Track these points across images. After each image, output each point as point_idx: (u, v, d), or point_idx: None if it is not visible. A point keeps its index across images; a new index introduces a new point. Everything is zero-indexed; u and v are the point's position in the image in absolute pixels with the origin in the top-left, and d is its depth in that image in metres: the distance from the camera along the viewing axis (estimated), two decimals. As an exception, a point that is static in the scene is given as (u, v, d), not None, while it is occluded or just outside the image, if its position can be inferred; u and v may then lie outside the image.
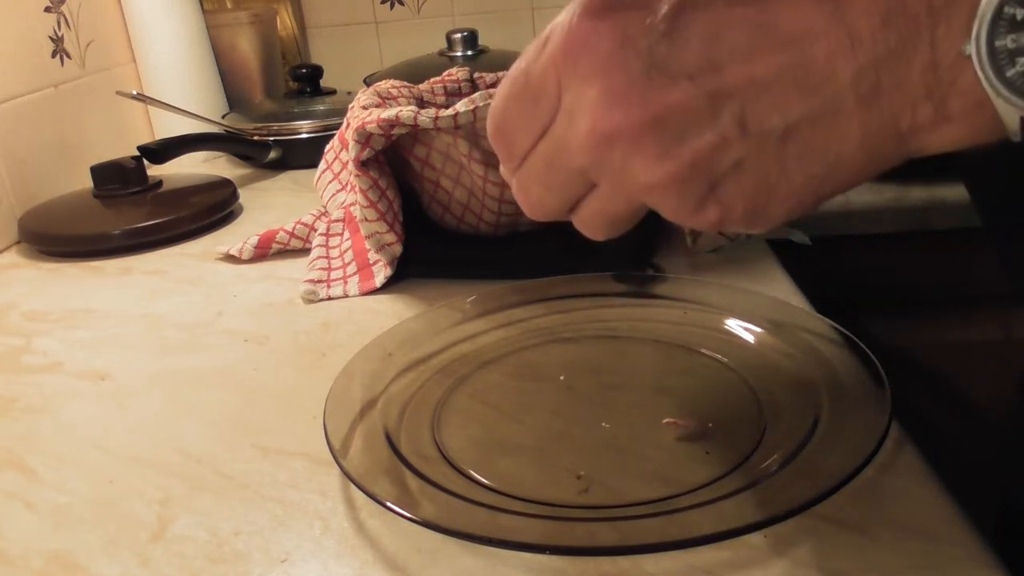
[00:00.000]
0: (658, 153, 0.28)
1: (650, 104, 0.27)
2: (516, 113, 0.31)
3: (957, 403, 0.91)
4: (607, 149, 0.29)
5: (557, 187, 0.32)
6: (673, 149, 0.28)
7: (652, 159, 0.28)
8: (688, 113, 0.27)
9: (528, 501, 0.37)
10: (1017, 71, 0.24)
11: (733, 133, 0.27)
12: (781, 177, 0.28)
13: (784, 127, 0.27)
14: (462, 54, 1.01)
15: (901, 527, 0.35)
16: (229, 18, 1.13)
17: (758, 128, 0.27)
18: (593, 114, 0.28)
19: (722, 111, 0.27)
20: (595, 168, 0.30)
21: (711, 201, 0.29)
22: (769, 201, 0.28)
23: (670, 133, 0.28)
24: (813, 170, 0.27)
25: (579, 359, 0.50)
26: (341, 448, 0.40)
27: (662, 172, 0.28)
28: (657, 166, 0.28)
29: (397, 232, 0.63)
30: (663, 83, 0.27)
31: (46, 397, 0.53)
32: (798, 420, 0.41)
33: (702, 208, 0.29)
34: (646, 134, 0.28)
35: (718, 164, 0.28)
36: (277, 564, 0.36)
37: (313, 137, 0.98)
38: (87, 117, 0.97)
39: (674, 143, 0.28)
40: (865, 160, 0.27)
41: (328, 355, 0.55)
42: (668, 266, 0.63)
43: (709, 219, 0.29)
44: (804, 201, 0.29)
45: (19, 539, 0.40)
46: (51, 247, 0.79)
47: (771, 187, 0.28)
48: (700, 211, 0.29)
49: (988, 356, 0.90)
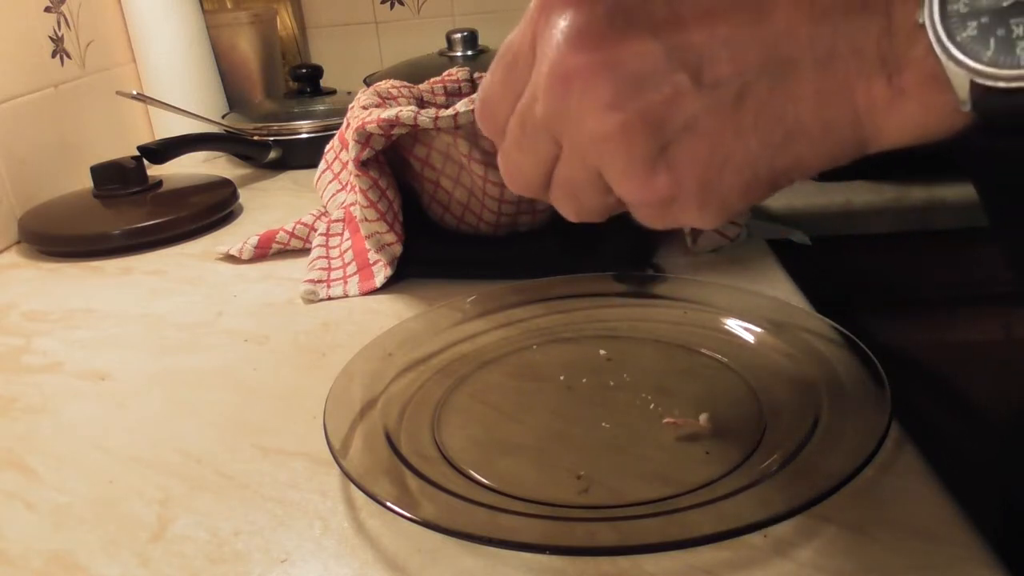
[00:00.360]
0: (610, 98, 0.28)
1: (608, 48, 0.28)
2: (498, 81, 0.32)
3: (957, 403, 0.91)
4: (564, 91, 0.29)
5: (528, 148, 0.32)
6: (625, 98, 0.28)
7: (604, 106, 0.28)
8: (645, 63, 0.28)
9: (528, 501, 0.37)
10: (968, 35, 0.24)
11: (687, 86, 0.27)
12: (736, 142, 0.28)
13: (740, 84, 0.27)
14: (462, 54, 1.01)
15: (901, 527, 0.35)
16: (229, 18, 1.13)
17: (712, 80, 0.27)
18: (553, 54, 0.29)
19: (678, 64, 0.27)
20: (555, 119, 0.30)
21: (661, 165, 0.29)
22: (723, 172, 0.28)
23: (624, 81, 0.28)
24: (769, 138, 0.28)
25: (579, 359, 0.50)
26: (341, 448, 0.40)
27: (612, 120, 0.28)
28: (608, 113, 0.28)
29: (397, 232, 0.63)
30: (625, 29, 0.28)
31: (46, 397, 0.53)
32: (798, 420, 0.41)
33: (652, 172, 0.29)
34: (600, 76, 0.28)
35: (671, 119, 0.28)
36: (277, 564, 0.36)
37: (313, 137, 0.98)
38: (87, 117, 0.97)
39: (627, 92, 0.28)
40: (820, 129, 0.27)
41: (328, 355, 0.55)
42: (668, 266, 0.63)
43: (659, 188, 0.29)
44: (759, 176, 0.29)
45: (19, 539, 0.40)
46: (51, 247, 0.79)
47: (725, 154, 0.28)
48: (650, 176, 0.29)
49: (988, 356, 0.90)
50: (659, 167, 0.29)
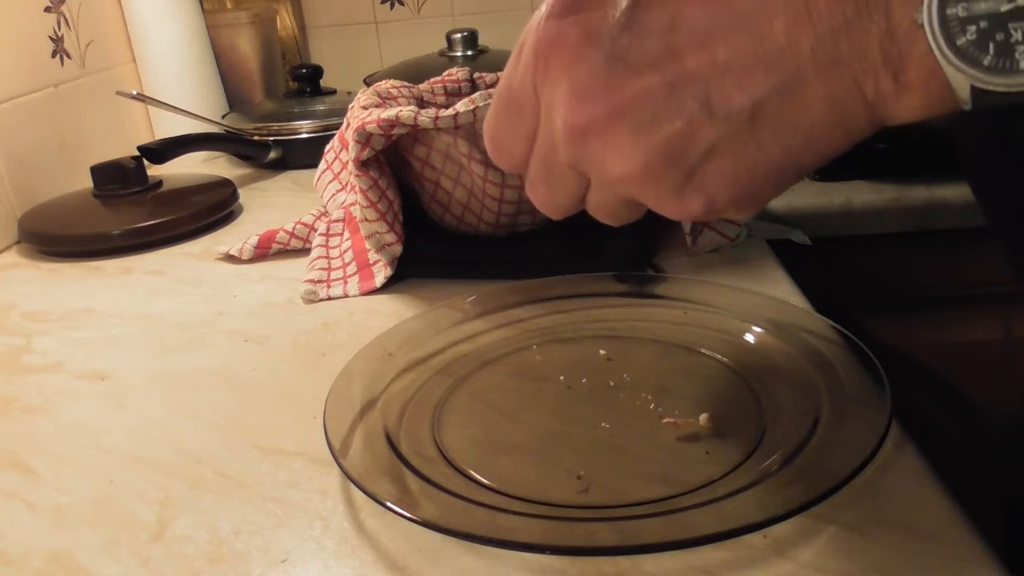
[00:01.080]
0: (629, 144, 0.28)
1: (614, 94, 0.28)
2: (506, 126, 0.33)
3: (957, 403, 0.91)
4: (583, 143, 0.29)
5: (558, 185, 0.32)
6: (642, 139, 0.28)
7: (624, 150, 0.29)
8: (652, 101, 0.28)
9: (528, 501, 0.37)
10: (967, 39, 0.24)
11: (700, 117, 0.27)
12: (759, 154, 0.28)
13: (751, 105, 0.27)
14: (462, 54, 1.01)
15: (901, 527, 0.35)
16: (229, 18, 1.13)
17: (725, 109, 0.27)
18: (565, 111, 0.29)
19: (686, 96, 0.27)
20: (579, 162, 0.31)
21: (691, 190, 0.29)
22: (752, 180, 0.29)
23: (637, 122, 0.28)
24: (789, 143, 0.28)
25: (579, 359, 0.50)
26: (341, 448, 0.40)
27: (633, 163, 0.29)
28: (628, 157, 0.29)
29: (397, 232, 0.63)
30: (626, 73, 0.28)
31: (46, 397, 0.53)
32: (798, 420, 0.41)
33: (683, 197, 0.29)
34: (615, 124, 0.28)
35: (690, 150, 0.28)
36: (277, 564, 0.36)
37: (313, 137, 0.98)
38: (87, 117, 0.97)
39: (643, 133, 0.28)
40: (837, 126, 0.27)
41: (328, 355, 0.55)
42: (668, 266, 0.63)
43: (693, 209, 0.29)
44: (787, 175, 0.29)
45: (19, 539, 0.40)
46: (51, 247, 0.79)
47: (751, 166, 0.28)
48: (682, 201, 0.29)
49: (988, 356, 0.90)
50: (689, 191, 0.29)
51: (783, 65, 0.26)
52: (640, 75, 0.28)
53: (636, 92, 0.28)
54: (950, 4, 0.24)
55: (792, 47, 0.26)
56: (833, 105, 0.27)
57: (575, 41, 0.28)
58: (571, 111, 0.29)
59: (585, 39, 0.28)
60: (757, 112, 0.27)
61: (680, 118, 0.28)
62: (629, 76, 0.28)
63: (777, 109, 0.27)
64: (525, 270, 0.59)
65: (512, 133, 0.32)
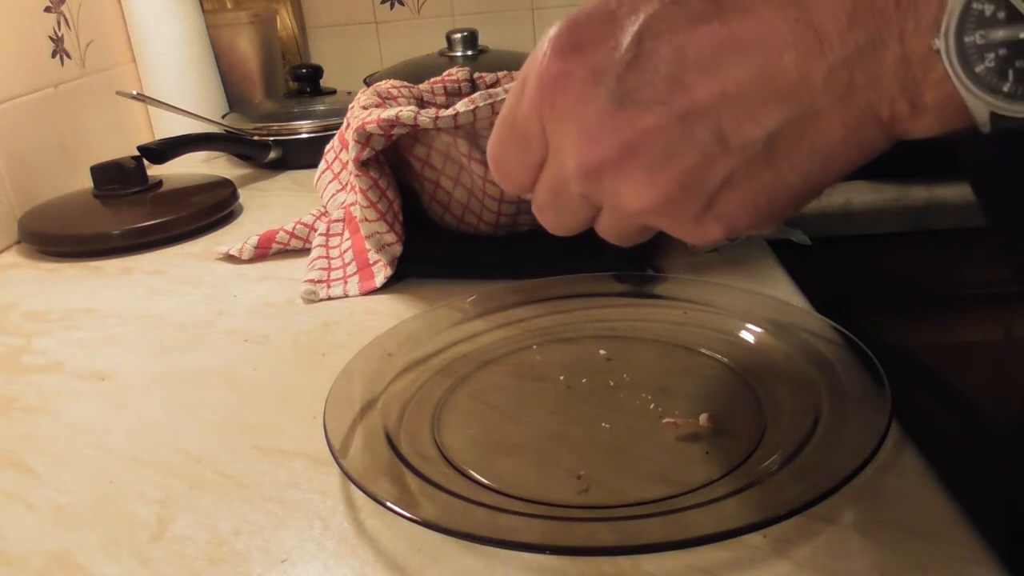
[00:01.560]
0: (645, 180, 0.28)
1: (625, 133, 0.28)
2: (511, 155, 0.33)
3: (957, 403, 0.91)
4: (596, 180, 0.29)
5: (568, 212, 0.33)
6: (658, 174, 0.28)
7: (640, 186, 0.29)
8: (664, 136, 0.27)
9: (528, 501, 0.37)
10: (986, 67, 0.24)
11: (715, 150, 0.27)
12: (777, 180, 0.28)
13: (766, 136, 0.27)
14: (462, 54, 1.01)
15: (901, 527, 0.35)
16: (229, 18, 1.13)
17: (739, 142, 0.27)
18: (576, 152, 0.29)
19: (698, 129, 0.27)
20: (593, 196, 0.31)
21: (710, 218, 0.29)
22: (771, 204, 0.29)
23: (652, 158, 0.28)
24: (807, 168, 0.28)
25: (579, 359, 0.50)
26: (341, 448, 0.40)
27: (650, 198, 0.29)
28: (645, 192, 0.29)
29: (397, 232, 0.63)
30: (635, 111, 0.28)
31: (46, 397, 0.53)
32: (798, 420, 0.41)
33: (702, 225, 0.29)
34: (628, 162, 0.28)
35: (707, 182, 0.28)
36: (277, 564, 0.36)
37: (313, 137, 0.98)
38: (87, 117, 0.97)
39: (657, 168, 0.28)
40: (853, 148, 0.27)
41: (328, 355, 0.55)
42: (668, 266, 0.63)
43: (713, 235, 0.30)
44: (806, 196, 0.29)
45: (19, 539, 0.40)
46: (51, 247, 0.79)
47: (770, 192, 0.28)
48: (701, 228, 0.29)
49: (988, 356, 0.90)
50: (708, 219, 0.29)
51: (796, 97, 0.26)
52: (650, 111, 0.27)
53: (647, 129, 0.27)
54: (968, 31, 0.24)
55: (804, 79, 0.26)
56: (849, 131, 0.26)
57: (581, 80, 0.28)
58: (582, 151, 0.29)
59: (591, 78, 0.28)
60: (772, 142, 0.27)
61: (694, 151, 0.27)
62: (639, 113, 0.27)
63: (792, 138, 0.27)
64: (525, 270, 0.59)
65: (517, 161, 0.32)
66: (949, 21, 0.24)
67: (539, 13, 1.21)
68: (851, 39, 0.25)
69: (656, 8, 0.27)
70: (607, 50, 0.28)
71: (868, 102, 0.26)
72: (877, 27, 0.25)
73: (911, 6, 0.24)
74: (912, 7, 0.24)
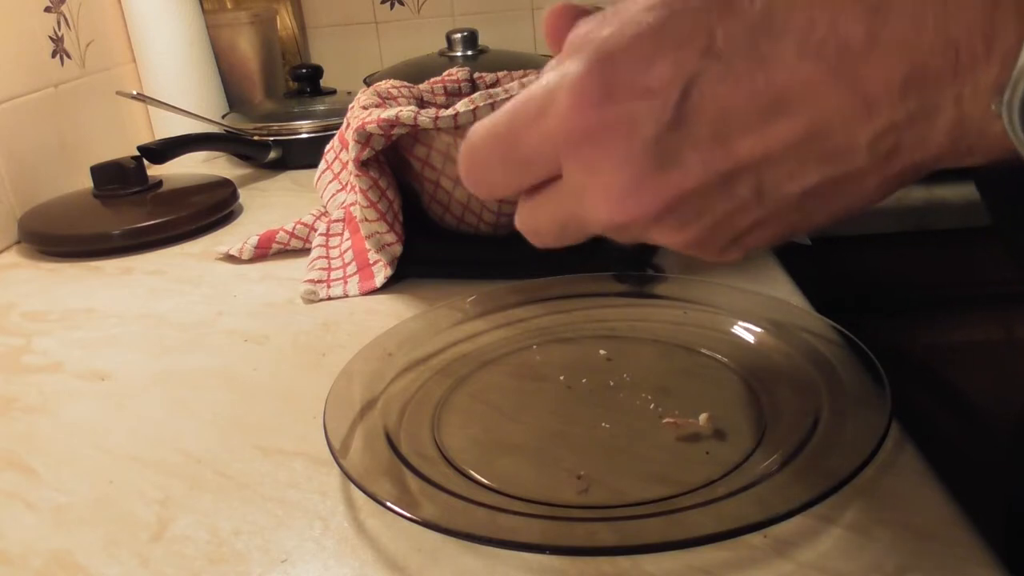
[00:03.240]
0: (676, 227, 0.28)
1: (665, 193, 0.27)
2: (500, 170, 0.31)
3: (957, 403, 0.91)
4: (626, 228, 0.29)
5: (573, 240, 0.32)
6: (692, 222, 0.28)
7: (671, 231, 0.29)
8: (703, 195, 0.27)
9: (528, 501, 0.37)
10: None
11: (750, 200, 0.27)
12: (804, 220, 0.28)
13: (802, 192, 0.27)
14: (462, 54, 1.01)
15: (901, 527, 0.35)
16: (229, 18, 1.13)
17: (776, 196, 0.27)
18: (608, 206, 0.28)
19: (737, 187, 0.27)
20: (616, 236, 0.30)
21: (734, 248, 0.30)
22: (793, 235, 0.29)
23: (687, 213, 0.28)
24: (835, 211, 0.28)
25: (579, 359, 0.50)
26: (341, 448, 0.40)
27: (682, 240, 0.29)
28: (677, 235, 0.29)
29: (397, 232, 0.63)
30: (677, 175, 0.27)
31: (46, 397, 0.53)
32: (798, 420, 0.41)
33: (726, 254, 0.30)
34: (663, 217, 0.28)
35: (738, 227, 0.28)
36: (277, 564, 0.36)
37: (313, 137, 0.98)
38: (87, 117, 0.97)
39: (692, 218, 0.28)
40: (887, 193, 0.27)
41: (328, 355, 0.55)
42: (668, 266, 0.63)
43: (731, 259, 0.30)
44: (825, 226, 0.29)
45: (19, 539, 0.40)
46: (51, 247, 0.79)
47: (795, 227, 0.29)
48: (723, 255, 0.30)
49: (988, 356, 0.90)
50: (731, 249, 0.29)
51: (838, 159, 0.26)
52: (690, 172, 0.26)
53: (686, 189, 0.27)
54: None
55: (849, 142, 0.25)
56: (887, 181, 0.26)
57: (616, 134, 0.26)
58: (616, 209, 0.28)
59: (626, 133, 0.26)
60: (807, 195, 0.27)
61: (730, 201, 0.27)
62: (680, 176, 0.27)
63: (828, 192, 0.27)
64: (525, 270, 0.59)
65: (507, 178, 0.31)
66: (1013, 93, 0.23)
67: (539, 13, 1.20)
68: (902, 107, 0.24)
69: (698, 63, 0.25)
70: (647, 105, 0.26)
71: (912, 160, 0.25)
72: (931, 92, 0.24)
73: (970, 70, 0.23)
74: (971, 71, 0.23)
